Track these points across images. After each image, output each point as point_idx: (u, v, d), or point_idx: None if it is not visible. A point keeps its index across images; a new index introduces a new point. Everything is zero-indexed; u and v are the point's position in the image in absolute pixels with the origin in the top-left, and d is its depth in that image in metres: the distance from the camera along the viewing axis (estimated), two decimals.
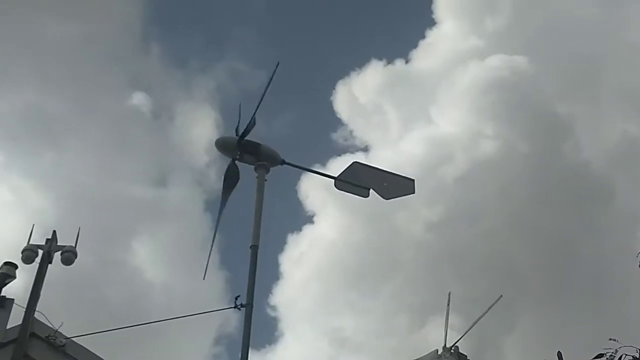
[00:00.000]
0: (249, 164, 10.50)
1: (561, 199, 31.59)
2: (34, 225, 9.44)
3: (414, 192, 11.14)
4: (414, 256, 31.21)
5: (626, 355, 6.77)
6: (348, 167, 11.09)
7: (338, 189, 10.97)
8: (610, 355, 6.76)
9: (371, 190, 10.93)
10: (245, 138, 10.42)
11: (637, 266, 7.50)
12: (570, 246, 29.34)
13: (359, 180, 10.95)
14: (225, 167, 10.52)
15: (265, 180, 10.59)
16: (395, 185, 11.05)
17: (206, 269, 9.98)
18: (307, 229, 31.08)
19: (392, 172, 11.10)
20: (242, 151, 10.41)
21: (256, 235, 9.99)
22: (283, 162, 10.77)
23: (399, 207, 34.38)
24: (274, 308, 34.26)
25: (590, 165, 33.94)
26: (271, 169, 10.64)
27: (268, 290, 33.33)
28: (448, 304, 16.37)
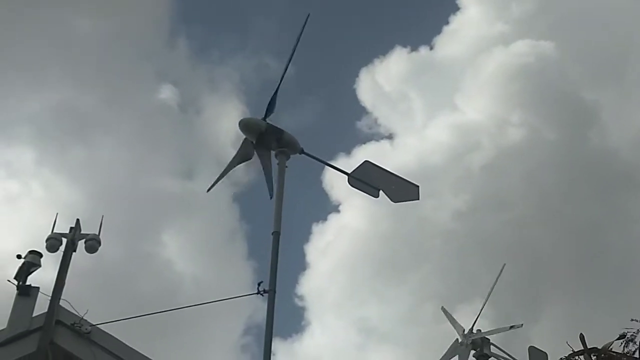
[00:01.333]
0: (270, 149, 10.56)
1: (588, 185, 31.35)
2: (57, 214, 9.56)
3: (418, 199, 11.18)
4: (441, 245, 31.10)
5: None
6: (360, 165, 11.19)
7: (351, 185, 11.08)
8: (632, 335, 6.76)
9: (380, 192, 11.03)
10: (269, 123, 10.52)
11: None
12: (597, 233, 29.13)
13: (370, 180, 11.04)
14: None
15: (286, 166, 10.65)
16: (402, 190, 11.12)
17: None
18: (333, 219, 31.08)
19: (399, 175, 11.16)
20: (265, 135, 10.48)
21: (278, 222, 10.04)
22: (302, 152, 10.84)
23: (426, 195, 34.23)
24: (301, 298, 34.31)
25: (617, 152, 33.63)
26: (291, 157, 10.74)
27: (295, 280, 33.40)
28: (493, 285, 16.21)
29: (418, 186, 11.08)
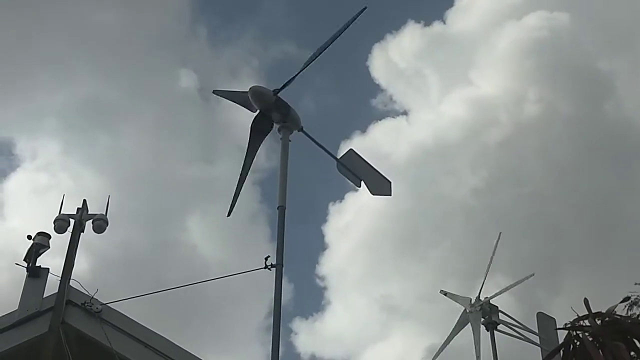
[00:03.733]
0: (275, 121, 10.63)
1: (604, 157, 31.32)
2: (64, 195, 9.66)
3: (390, 194, 11.22)
4: (460, 221, 31.13)
5: None
6: (346, 152, 11.29)
7: (339, 171, 11.18)
8: (635, 299, 6.82)
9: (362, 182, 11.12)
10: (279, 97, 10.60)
11: None
12: (614, 204, 29.16)
13: (354, 169, 11.13)
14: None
15: (290, 141, 10.72)
16: (378, 183, 11.17)
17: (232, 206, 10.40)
18: (350, 198, 31.14)
19: (376, 169, 11.20)
20: (273, 107, 10.55)
21: (282, 196, 10.11)
22: (301, 129, 10.92)
23: (444, 172, 34.32)
24: (322, 278, 34.48)
25: (632, 123, 33.54)
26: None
27: (315, 261, 33.58)
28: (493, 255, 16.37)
29: (390, 182, 11.14)
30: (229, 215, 10.53)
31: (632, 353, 6.53)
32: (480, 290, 15.57)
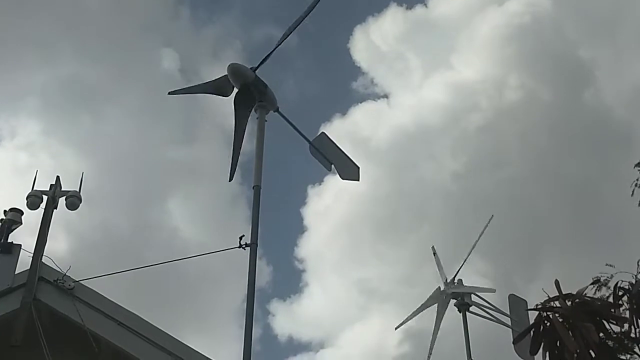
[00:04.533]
0: (252, 103, 10.62)
1: (583, 145, 31.53)
2: (37, 171, 9.60)
3: (358, 180, 11.25)
4: (440, 206, 31.24)
5: (622, 281, 6.90)
6: (318, 135, 11.31)
7: (311, 153, 11.19)
8: (605, 280, 6.90)
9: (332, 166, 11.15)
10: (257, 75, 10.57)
11: None
12: (591, 191, 29.39)
13: (325, 152, 11.14)
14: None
15: (265, 120, 10.72)
16: (347, 168, 11.20)
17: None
18: (330, 181, 31.17)
19: (346, 153, 11.21)
20: (250, 85, 10.53)
21: (258, 176, 10.11)
22: (277, 110, 10.92)
23: (424, 157, 34.42)
24: (301, 261, 34.52)
25: (611, 111, 33.76)
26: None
27: (293, 244, 33.61)
28: (435, 254, 16.59)
29: (358, 167, 11.18)
30: (230, 180, 10.51)
31: (600, 334, 6.64)
32: (458, 272, 15.71)
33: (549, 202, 30.35)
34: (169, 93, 11.27)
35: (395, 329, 16.26)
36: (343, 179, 11.25)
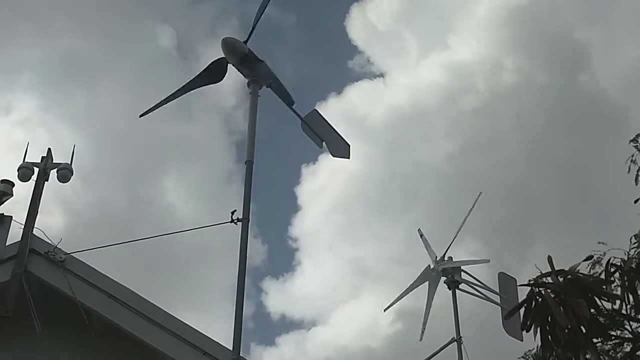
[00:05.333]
0: (244, 75, 10.55)
1: (577, 128, 31.56)
2: (28, 143, 9.55)
3: (349, 157, 11.21)
4: (434, 187, 31.27)
5: (614, 257, 6.92)
6: (309, 112, 11.25)
7: (303, 130, 11.15)
8: (598, 257, 6.92)
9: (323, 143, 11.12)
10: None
11: (633, 202, 7.59)
12: (583, 175, 29.46)
13: (317, 129, 11.10)
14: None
15: (259, 96, 10.65)
16: (338, 145, 11.15)
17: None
18: (324, 160, 31.07)
19: (337, 131, 11.16)
20: (244, 60, 10.46)
21: (250, 151, 10.04)
22: (270, 85, 10.85)
23: (420, 138, 34.41)
24: (295, 240, 34.53)
25: (605, 95, 33.75)
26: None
27: (287, 222, 33.60)
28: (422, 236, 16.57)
29: (349, 145, 11.12)
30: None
31: (592, 310, 6.67)
32: (447, 249, 15.69)
33: (543, 184, 30.46)
34: (140, 116, 10.79)
35: (384, 310, 16.26)
36: (334, 156, 11.22)
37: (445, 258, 15.51)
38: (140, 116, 10.71)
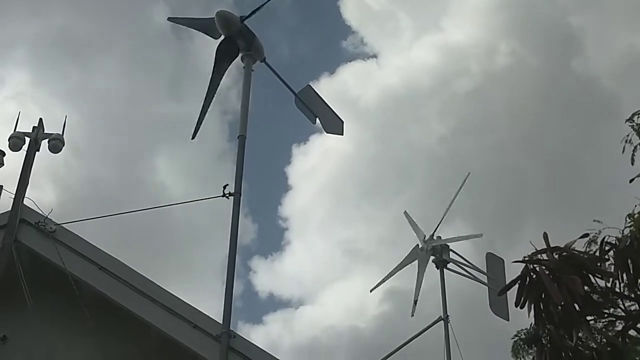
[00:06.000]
0: (238, 49, 10.51)
1: (568, 113, 31.61)
2: (20, 112, 9.48)
3: (342, 134, 11.20)
4: (426, 169, 31.26)
5: (609, 236, 6.93)
6: (304, 88, 11.23)
7: (296, 106, 11.14)
8: (594, 236, 6.92)
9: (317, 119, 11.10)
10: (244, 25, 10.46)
11: (628, 181, 7.57)
12: (574, 160, 29.56)
13: (311, 105, 11.08)
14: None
15: (252, 70, 10.61)
16: (331, 122, 11.14)
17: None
18: (316, 140, 30.89)
19: (330, 107, 11.14)
20: (238, 34, 10.42)
21: (243, 126, 10.04)
22: (264, 60, 10.82)
23: (412, 120, 34.36)
24: (284, 219, 34.46)
25: (598, 80, 33.80)
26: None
27: (277, 202, 33.53)
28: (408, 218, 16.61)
29: (342, 122, 11.11)
30: (193, 138, 10.50)
31: (586, 287, 6.67)
32: (436, 229, 15.71)
33: (534, 168, 30.50)
34: (168, 19, 11.80)
35: (370, 291, 16.25)
36: (327, 132, 11.22)
37: (434, 237, 15.56)
38: (169, 19, 11.79)
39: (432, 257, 15.28)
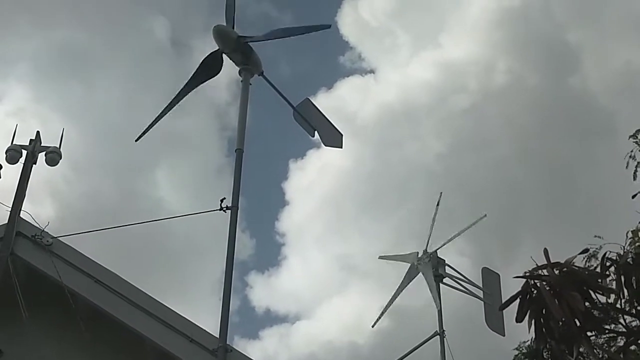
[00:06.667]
0: (236, 63, 10.50)
1: (565, 130, 31.83)
2: (17, 125, 9.43)
3: (341, 147, 11.18)
4: (423, 185, 31.31)
5: (610, 252, 6.92)
6: (302, 101, 11.23)
7: (295, 119, 11.14)
8: (594, 251, 6.92)
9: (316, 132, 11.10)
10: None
11: (631, 197, 7.59)
12: (571, 175, 29.72)
13: (309, 118, 11.07)
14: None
15: (250, 84, 10.59)
16: (330, 135, 11.13)
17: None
18: (313, 156, 30.92)
19: (329, 120, 11.14)
20: (235, 48, 10.41)
21: (241, 139, 10.01)
22: (261, 74, 10.81)
23: (410, 137, 34.43)
24: (282, 235, 34.45)
25: (595, 98, 33.97)
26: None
27: (274, 217, 33.53)
28: (435, 212, 16.48)
29: (342, 135, 11.10)
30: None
31: (587, 304, 6.66)
32: (427, 243, 15.66)
33: (532, 185, 30.63)
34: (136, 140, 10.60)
35: (372, 326, 16.16)
36: (326, 145, 11.19)
37: (429, 251, 15.50)
38: (136, 140, 10.49)
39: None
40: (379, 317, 15.55)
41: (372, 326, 15.78)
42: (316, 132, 11.10)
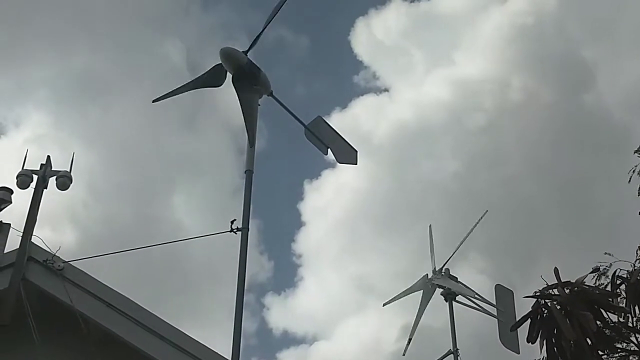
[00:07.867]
0: (237, 89, 10.55)
1: (580, 147, 31.77)
2: (27, 150, 9.47)
3: (356, 163, 11.19)
4: (439, 204, 31.27)
5: (620, 269, 6.89)
6: (314, 119, 11.25)
7: (306, 138, 11.15)
8: (604, 269, 6.89)
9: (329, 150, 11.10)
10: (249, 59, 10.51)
11: (638, 213, 7.57)
12: (586, 192, 29.65)
13: (322, 136, 11.08)
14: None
15: (259, 105, 10.64)
16: (345, 152, 11.13)
17: None
18: (328, 176, 30.96)
19: (343, 137, 11.15)
20: (243, 71, 10.46)
21: (250, 160, 10.07)
22: (271, 94, 10.85)
23: (425, 156, 34.40)
24: (299, 256, 34.47)
25: (610, 114, 33.88)
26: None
27: (291, 238, 33.52)
28: (430, 236, 16.56)
29: (356, 151, 11.10)
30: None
31: (598, 322, 6.62)
32: (446, 263, 15.66)
33: (547, 202, 30.59)
34: (153, 101, 11.12)
35: (384, 305, 16.20)
36: (340, 162, 11.19)
37: (443, 271, 15.51)
38: (154, 101, 10.94)
39: (440, 290, 15.27)
40: (407, 346, 15.51)
41: (403, 354, 15.73)
42: (329, 150, 11.10)
